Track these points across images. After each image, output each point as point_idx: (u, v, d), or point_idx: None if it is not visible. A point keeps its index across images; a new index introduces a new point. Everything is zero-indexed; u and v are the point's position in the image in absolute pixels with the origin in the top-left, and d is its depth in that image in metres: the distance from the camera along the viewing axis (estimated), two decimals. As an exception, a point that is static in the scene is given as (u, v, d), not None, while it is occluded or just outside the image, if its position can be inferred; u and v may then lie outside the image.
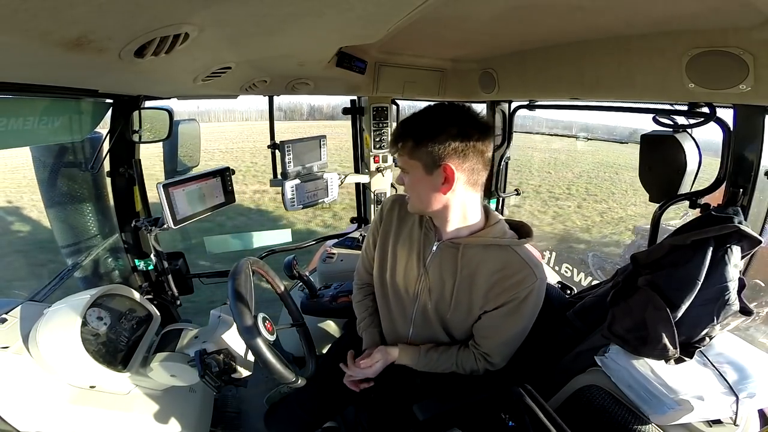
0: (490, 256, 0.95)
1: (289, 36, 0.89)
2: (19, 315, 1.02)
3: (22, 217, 7.80)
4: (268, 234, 2.79)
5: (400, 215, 1.07)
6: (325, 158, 1.88)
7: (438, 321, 1.04)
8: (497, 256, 0.94)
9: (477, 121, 0.87)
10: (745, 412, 0.87)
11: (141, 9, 0.53)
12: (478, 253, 0.95)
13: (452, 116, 0.87)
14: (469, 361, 1.04)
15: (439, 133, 0.85)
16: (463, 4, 0.89)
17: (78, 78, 0.91)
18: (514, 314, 0.96)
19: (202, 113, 24.37)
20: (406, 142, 0.89)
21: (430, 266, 1.00)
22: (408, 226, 1.05)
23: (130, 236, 1.54)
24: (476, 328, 1.02)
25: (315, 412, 1.17)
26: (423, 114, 0.90)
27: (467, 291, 0.97)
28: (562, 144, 15.93)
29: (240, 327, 0.87)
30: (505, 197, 2.07)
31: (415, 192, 0.94)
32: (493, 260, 0.94)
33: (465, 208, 0.95)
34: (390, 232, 1.08)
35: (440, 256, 0.99)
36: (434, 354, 1.05)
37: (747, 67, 0.79)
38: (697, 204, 1.08)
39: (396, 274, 1.05)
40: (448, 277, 0.98)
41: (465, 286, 0.97)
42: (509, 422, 1.02)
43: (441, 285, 0.99)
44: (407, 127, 0.90)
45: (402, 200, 1.06)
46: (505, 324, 0.98)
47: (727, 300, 0.87)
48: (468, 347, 1.05)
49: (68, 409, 0.97)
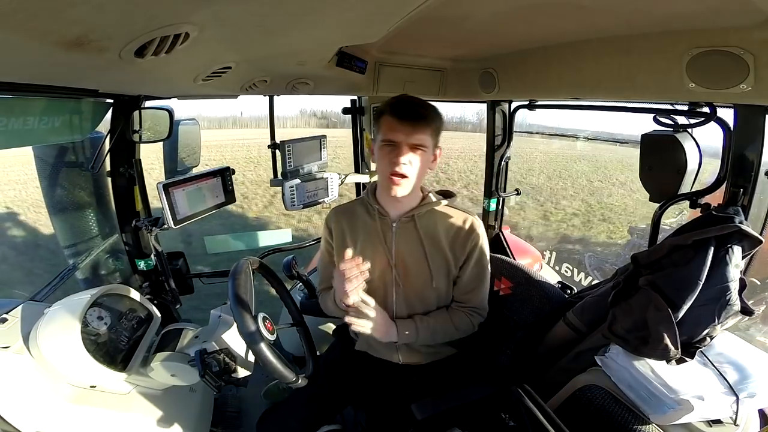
0: (439, 217, 1.10)
1: (289, 36, 0.89)
2: (19, 315, 1.01)
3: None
4: (268, 234, 2.80)
5: (348, 221, 1.13)
6: (326, 158, 1.88)
7: (424, 296, 1.08)
8: (443, 215, 1.10)
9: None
10: (745, 412, 0.87)
11: (141, 9, 0.53)
12: (430, 217, 1.10)
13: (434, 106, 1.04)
14: (462, 320, 1.10)
15: (442, 119, 1.03)
16: (463, 4, 0.89)
17: (78, 78, 0.91)
18: (480, 260, 1.11)
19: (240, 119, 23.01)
20: (432, 121, 1.00)
21: (396, 247, 1.07)
22: (360, 225, 1.12)
23: (130, 236, 1.54)
24: (458, 288, 1.11)
25: (307, 421, 1.17)
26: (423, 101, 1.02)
27: (438, 254, 1.07)
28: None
29: (240, 327, 0.87)
30: (505, 197, 2.07)
31: (419, 171, 1.01)
32: (442, 219, 1.10)
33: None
34: (345, 239, 1.12)
35: (402, 233, 1.08)
36: (430, 320, 1.08)
37: (747, 67, 0.79)
38: (697, 204, 1.08)
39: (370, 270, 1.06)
40: (416, 248, 1.07)
41: (433, 249, 1.07)
42: (509, 422, 1.02)
43: (413, 259, 1.07)
44: (430, 108, 1.01)
45: (343, 209, 1.17)
46: (479, 273, 1.11)
47: (728, 300, 0.87)
48: (453, 308, 1.11)
49: (68, 409, 0.97)
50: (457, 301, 1.12)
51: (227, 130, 23.95)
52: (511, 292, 1.34)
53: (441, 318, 1.09)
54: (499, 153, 1.96)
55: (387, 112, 1.00)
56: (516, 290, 1.34)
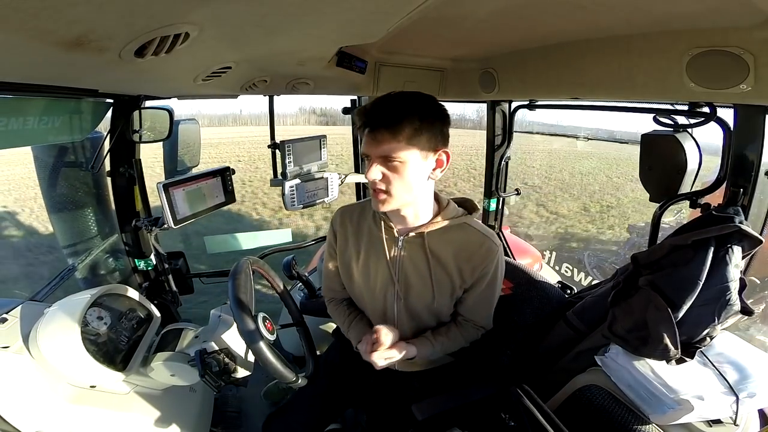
0: (453, 236, 0.98)
1: (289, 35, 0.89)
2: (19, 315, 1.01)
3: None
4: (268, 234, 2.80)
5: (353, 225, 1.06)
6: (326, 158, 1.88)
7: (425, 313, 1.04)
8: (458, 235, 0.98)
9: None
10: (745, 412, 0.87)
11: (141, 8, 0.53)
12: (442, 236, 0.98)
13: (436, 103, 0.88)
14: (469, 333, 1.07)
15: (438, 117, 0.86)
16: (463, 4, 0.89)
17: (78, 78, 0.91)
18: (491, 285, 1.02)
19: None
20: (402, 128, 0.82)
21: (400, 264, 1.00)
22: (365, 233, 1.04)
23: (130, 236, 1.54)
24: (464, 308, 1.05)
25: (311, 422, 1.16)
26: (410, 99, 0.85)
27: (444, 274, 0.99)
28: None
29: (240, 327, 0.87)
30: (505, 197, 2.07)
31: (402, 184, 0.87)
32: (456, 239, 0.98)
33: (431, 194, 0.98)
34: (348, 245, 1.06)
35: (408, 250, 0.99)
36: (441, 338, 1.05)
37: (747, 67, 0.79)
38: (697, 204, 1.08)
39: (369, 283, 1.04)
40: (422, 267, 0.99)
41: (440, 270, 0.99)
42: (509, 422, 1.02)
43: (418, 277, 1.00)
44: (405, 111, 0.83)
45: (350, 210, 1.08)
46: (488, 296, 1.04)
47: (728, 300, 0.87)
48: (462, 323, 1.07)
49: (68, 409, 0.97)
50: (464, 316, 1.07)
51: (228, 128, 23.93)
52: (511, 293, 1.34)
53: (452, 334, 1.05)
54: (499, 153, 1.96)
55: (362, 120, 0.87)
56: (516, 290, 1.34)
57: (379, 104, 0.85)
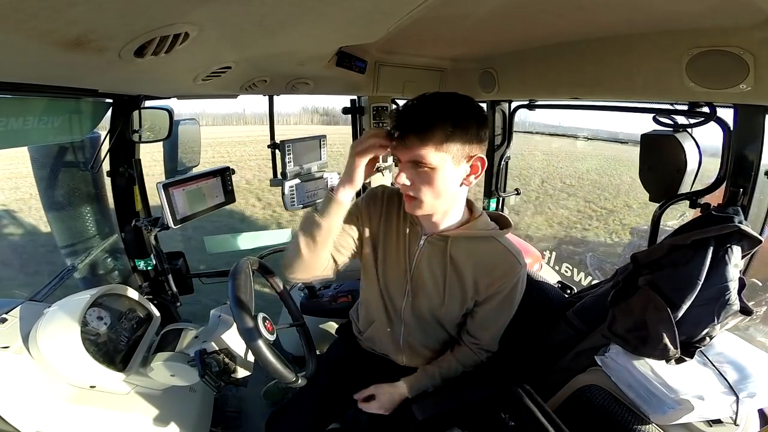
0: (477, 247, 0.95)
1: (289, 35, 0.89)
2: (19, 315, 1.01)
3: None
4: (268, 234, 2.80)
5: (390, 209, 1.02)
6: (325, 158, 1.88)
7: (430, 316, 1.03)
8: (483, 247, 0.95)
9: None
10: (745, 412, 0.87)
11: (141, 8, 0.53)
12: (466, 245, 0.95)
13: (473, 105, 0.83)
14: (469, 357, 1.05)
15: (475, 121, 0.81)
16: (463, 4, 0.89)
17: (78, 78, 0.91)
18: (506, 304, 0.98)
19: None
20: (432, 133, 0.78)
21: (417, 261, 0.98)
22: (393, 221, 1.01)
23: (130, 236, 1.54)
24: (472, 323, 1.03)
25: (313, 421, 1.16)
26: (444, 102, 0.81)
27: (458, 283, 0.97)
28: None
29: (240, 327, 0.87)
30: (505, 197, 2.07)
31: (432, 191, 0.84)
32: (479, 251, 0.95)
33: (463, 200, 0.95)
34: (379, 225, 1.02)
35: (428, 250, 0.97)
36: (435, 369, 1.05)
37: (747, 67, 0.79)
38: (697, 204, 1.08)
39: (382, 269, 1.02)
40: (437, 270, 0.97)
41: (455, 278, 0.96)
42: (509, 422, 1.02)
43: (431, 279, 0.98)
44: (437, 115, 0.79)
45: (390, 194, 1.03)
46: (500, 315, 1.01)
47: (727, 300, 0.87)
48: (461, 345, 1.05)
49: (68, 409, 0.97)
50: (468, 333, 1.04)
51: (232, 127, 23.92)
52: None
53: (446, 363, 1.05)
54: (498, 153, 1.96)
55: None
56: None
57: (410, 107, 0.82)
